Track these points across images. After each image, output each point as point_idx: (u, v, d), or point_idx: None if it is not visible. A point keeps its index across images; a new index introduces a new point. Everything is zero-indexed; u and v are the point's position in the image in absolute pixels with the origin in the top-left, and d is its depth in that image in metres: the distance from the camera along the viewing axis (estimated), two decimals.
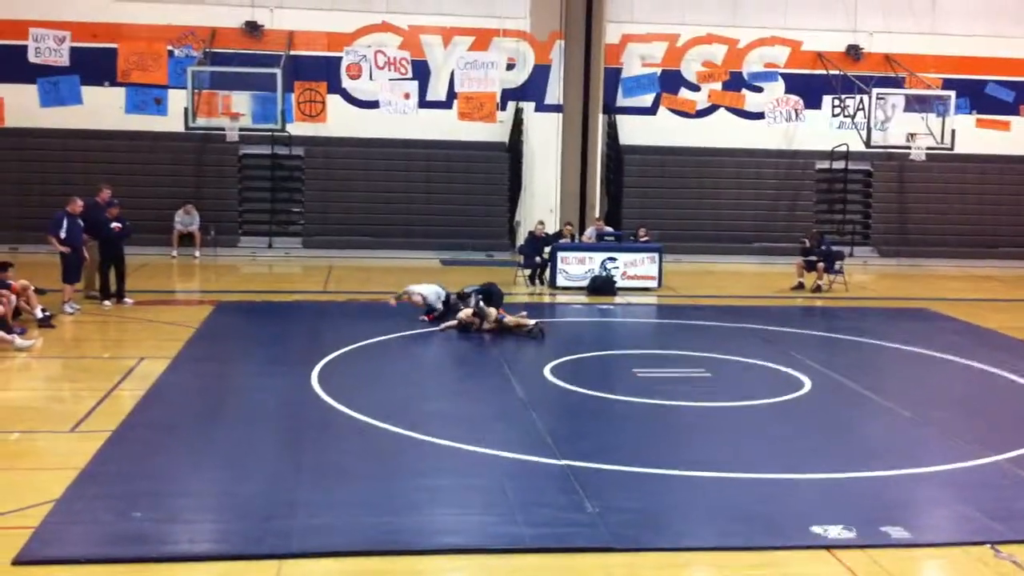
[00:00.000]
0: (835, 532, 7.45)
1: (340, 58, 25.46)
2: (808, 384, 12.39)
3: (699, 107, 26.88)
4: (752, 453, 9.60)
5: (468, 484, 8.44)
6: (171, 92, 24.67)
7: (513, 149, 25.85)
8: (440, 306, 16.09)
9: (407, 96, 25.72)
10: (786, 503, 8.18)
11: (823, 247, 20.87)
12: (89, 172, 23.08)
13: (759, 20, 26.70)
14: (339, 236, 24.98)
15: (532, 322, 14.97)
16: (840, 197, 27.30)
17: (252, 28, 24.89)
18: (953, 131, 25.68)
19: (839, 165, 27.07)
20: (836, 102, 27.14)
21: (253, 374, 12.55)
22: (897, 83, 26.49)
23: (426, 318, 15.77)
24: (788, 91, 27.03)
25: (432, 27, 25.68)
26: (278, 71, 23.60)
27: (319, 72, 25.42)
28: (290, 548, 6.99)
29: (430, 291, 16.19)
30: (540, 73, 26.03)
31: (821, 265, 20.48)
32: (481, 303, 15.24)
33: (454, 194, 25.52)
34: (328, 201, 25.44)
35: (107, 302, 16.79)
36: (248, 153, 25.33)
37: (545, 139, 26.04)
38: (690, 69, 26.75)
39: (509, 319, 15.06)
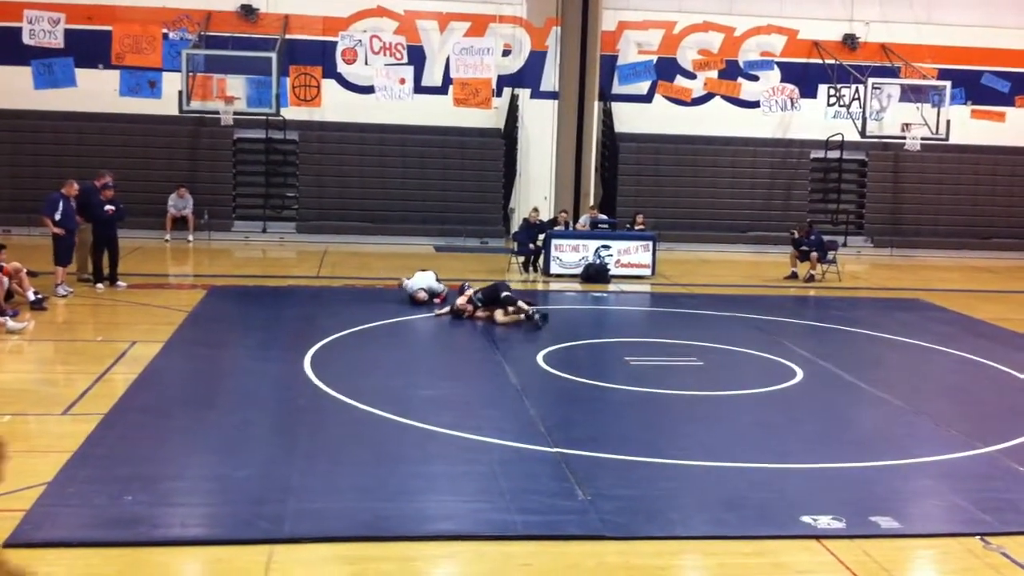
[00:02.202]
0: (825, 522, 7.47)
1: (335, 43, 25.38)
2: (800, 373, 12.41)
3: (695, 95, 26.87)
4: (743, 442, 9.62)
5: (460, 471, 8.44)
6: (165, 75, 24.59)
7: (508, 136, 25.80)
8: (441, 286, 16.34)
9: (402, 81, 25.67)
10: (776, 492, 8.18)
11: (812, 236, 20.89)
12: (83, 155, 23.15)
13: (755, 8, 26.68)
14: (333, 221, 24.93)
15: (529, 309, 14.80)
16: (835, 187, 27.30)
17: (247, 11, 24.80)
18: (948, 121, 25.72)
19: (834, 154, 27.06)
20: (832, 91, 27.13)
21: (246, 359, 12.53)
22: (893, 73, 26.48)
23: (437, 300, 16.06)
24: (784, 80, 27.02)
25: (428, 12, 25.60)
26: (273, 55, 23.51)
27: (314, 56, 25.35)
28: (282, 533, 7.00)
29: (425, 280, 16.33)
30: (536, 60, 25.98)
31: (815, 255, 20.50)
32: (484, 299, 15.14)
33: (449, 180, 25.46)
34: (322, 186, 25.41)
35: (100, 285, 16.77)
36: (242, 137, 25.25)
37: (540, 126, 26.01)
38: (686, 57, 26.72)
39: (507, 315, 14.90)
